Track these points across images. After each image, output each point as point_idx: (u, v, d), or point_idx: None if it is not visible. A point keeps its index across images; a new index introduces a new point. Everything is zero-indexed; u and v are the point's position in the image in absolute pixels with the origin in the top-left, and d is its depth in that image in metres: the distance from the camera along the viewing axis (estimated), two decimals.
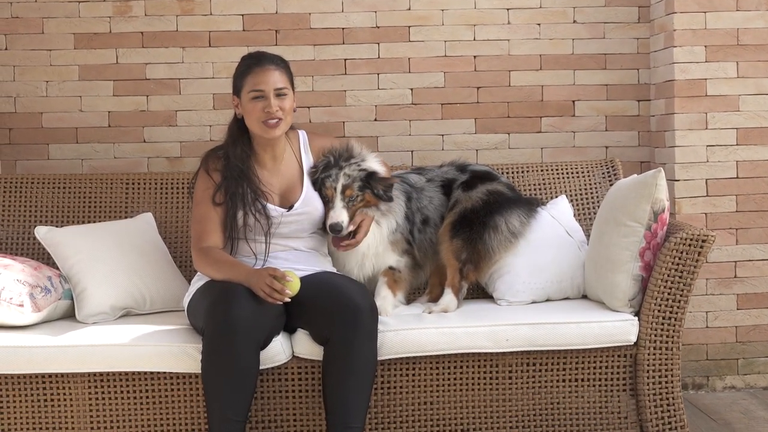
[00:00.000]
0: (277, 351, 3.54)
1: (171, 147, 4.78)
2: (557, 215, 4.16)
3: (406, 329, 3.62)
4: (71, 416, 3.58)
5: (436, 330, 3.63)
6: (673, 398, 3.70)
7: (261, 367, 3.48)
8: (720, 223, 4.58)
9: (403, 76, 4.82)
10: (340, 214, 3.75)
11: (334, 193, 3.77)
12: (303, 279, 3.57)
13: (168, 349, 3.53)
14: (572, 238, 4.10)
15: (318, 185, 3.82)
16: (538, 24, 4.84)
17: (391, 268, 3.92)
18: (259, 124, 3.68)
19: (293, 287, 3.46)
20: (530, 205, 4.11)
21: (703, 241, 3.64)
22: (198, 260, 3.64)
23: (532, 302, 3.96)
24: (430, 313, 3.83)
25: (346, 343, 3.43)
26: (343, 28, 4.80)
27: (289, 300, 3.46)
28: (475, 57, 4.84)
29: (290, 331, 3.66)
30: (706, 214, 4.57)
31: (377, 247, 3.89)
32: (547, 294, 3.99)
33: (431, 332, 3.62)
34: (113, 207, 4.33)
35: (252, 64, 3.71)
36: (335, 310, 3.46)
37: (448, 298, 3.90)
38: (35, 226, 4.08)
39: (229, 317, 3.36)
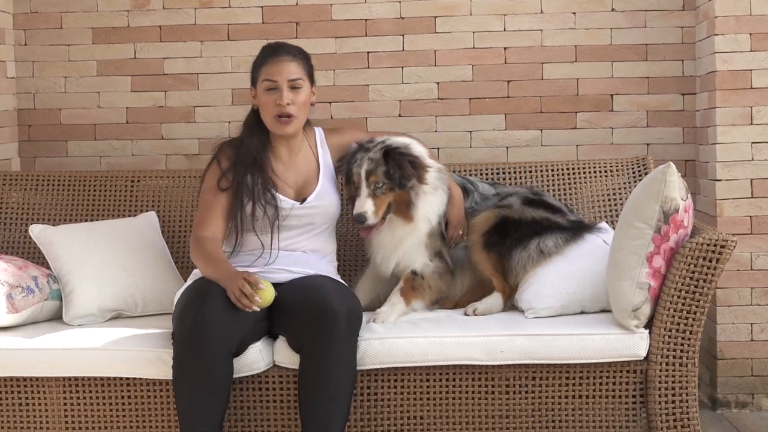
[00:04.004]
0: (255, 358, 3.36)
1: (189, 144, 4.65)
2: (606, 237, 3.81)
3: (393, 338, 3.39)
4: (45, 422, 3.46)
5: (425, 339, 3.39)
6: (688, 419, 3.38)
7: (238, 375, 3.33)
8: (767, 227, 4.19)
9: (428, 70, 4.58)
10: (363, 204, 3.55)
11: (360, 179, 3.59)
12: (288, 283, 3.44)
13: (142, 354, 3.39)
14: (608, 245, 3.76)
15: (347, 176, 3.67)
16: (573, 13, 4.53)
17: (414, 273, 3.69)
18: (272, 118, 3.57)
19: (264, 296, 3.26)
20: (578, 231, 3.74)
21: (722, 246, 3.30)
22: (192, 248, 3.51)
23: (561, 312, 3.55)
24: (474, 312, 3.60)
25: (322, 351, 3.24)
26: (365, 20, 4.58)
27: (258, 309, 3.27)
28: (505, 48, 4.56)
29: (275, 338, 3.47)
30: (750, 216, 4.19)
31: (410, 242, 3.66)
32: (581, 302, 3.57)
33: (420, 341, 3.38)
34: (118, 205, 4.22)
35: (268, 54, 3.63)
36: (310, 315, 3.28)
37: (495, 297, 3.65)
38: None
39: (199, 321, 3.21)
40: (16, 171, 4.54)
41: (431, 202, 3.68)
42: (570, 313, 3.58)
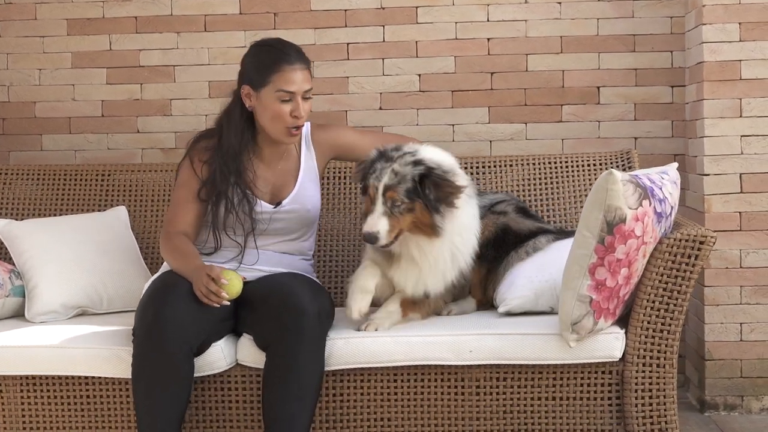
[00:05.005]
0: (217, 357, 3.25)
1: (165, 137, 4.55)
2: None
3: (358, 337, 3.27)
4: (3, 421, 3.36)
5: (391, 339, 3.26)
6: (666, 422, 3.24)
7: (199, 374, 3.22)
8: (757, 224, 4.05)
9: (410, 61, 4.46)
10: (376, 222, 3.18)
11: (376, 193, 3.21)
12: (257, 280, 3.33)
13: (98, 351, 3.28)
14: None
15: (363, 187, 3.34)
16: (559, 2, 4.41)
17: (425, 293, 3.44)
18: (282, 128, 3.38)
19: (230, 290, 3.16)
20: (570, 233, 3.51)
21: (701, 242, 3.17)
22: (162, 243, 3.42)
23: (534, 303, 3.37)
24: (449, 314, 3.47)
25: (288, 350, 3.13)
26: (345, 10, 4.47)
27: (228, 303, 3.18)
28: (488, 39, 4.44)
29: (239, 336, 3.36)
30: (740, 212, 4.05)
31: (440, 269, 3.38)
32: (554, 291, 3.34)
33: (386, 341, 3.25)
34: (89, 200, 4.13)
35: (281, 60, 3.37)
36: (277, 312, 3.17)
37: (469, 302, 3.54)
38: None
39: (159, 318, 3.11)
40: None
41: (472, 214, 3.41)
42: (543, 307, 3.40)
